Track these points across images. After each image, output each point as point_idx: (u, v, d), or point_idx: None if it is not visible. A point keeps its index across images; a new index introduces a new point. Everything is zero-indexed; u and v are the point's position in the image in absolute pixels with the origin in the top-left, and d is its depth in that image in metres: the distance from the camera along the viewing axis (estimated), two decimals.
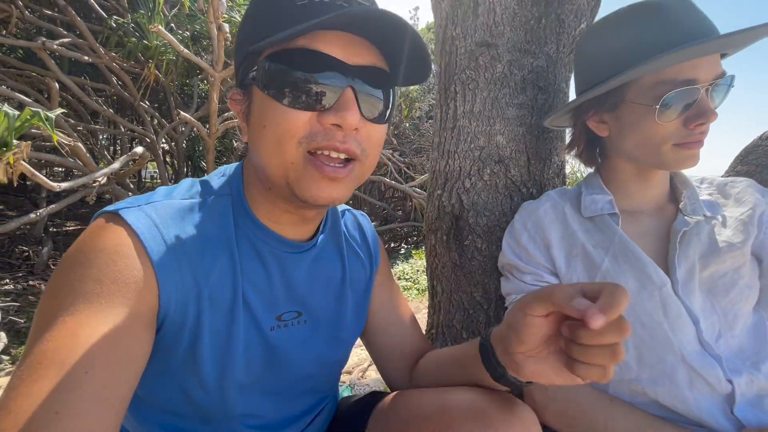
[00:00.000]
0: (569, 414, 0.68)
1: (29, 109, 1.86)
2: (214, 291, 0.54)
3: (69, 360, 0.39)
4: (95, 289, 0.43)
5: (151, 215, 0.50)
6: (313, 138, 0.49)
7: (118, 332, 0.43)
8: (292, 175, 0.51)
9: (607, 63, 0.71)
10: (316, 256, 0.65)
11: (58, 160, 2.80)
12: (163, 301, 0.49)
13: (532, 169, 1.01)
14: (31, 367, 0.39)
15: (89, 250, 0.46)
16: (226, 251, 0.55)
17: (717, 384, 0.64)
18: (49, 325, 0.41)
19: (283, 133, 0.49)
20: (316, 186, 0.51)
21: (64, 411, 0.37)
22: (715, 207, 0.75)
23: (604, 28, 0.74)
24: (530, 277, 0.78)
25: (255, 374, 0.59)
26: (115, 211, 0.50)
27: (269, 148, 0.51)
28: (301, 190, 0.51)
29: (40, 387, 0.38)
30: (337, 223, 0.72)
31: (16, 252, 3.58)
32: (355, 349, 2.33)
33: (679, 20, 0.66)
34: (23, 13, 3.18)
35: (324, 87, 0.49)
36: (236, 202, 0.58)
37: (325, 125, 0.49)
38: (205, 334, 0.53)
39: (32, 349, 0.40)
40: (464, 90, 1.01)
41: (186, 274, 0.51)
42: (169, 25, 3.45)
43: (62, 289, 0.44)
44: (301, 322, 0.63)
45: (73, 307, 0.42)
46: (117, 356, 0.42)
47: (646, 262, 0.71)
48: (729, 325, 0.68)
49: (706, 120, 0.66)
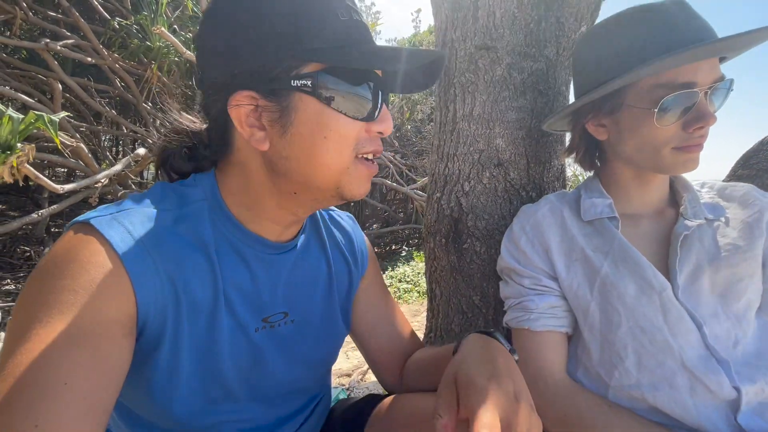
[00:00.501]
0: (568, 420, 0.68)
1: (33, 112, 1.88)
2: (194, 295, 0.53)
3: (46, 371, 0.39)
4: (69, 299, 0.43)
5: (124, 223, 0.50)
6: (363, 144, 0.55)
7: (95, 341, 0.42)
8: (345, 179, 0.55)
9: (606, 66, 0.71)
10: (299, 256, 0.66)
11: (60, 161, 2.81)
12: (141, 308, 0.48)
13: (532, 173, 1.01)
14: (6, 380, 0.38)
15: (61, 261, 0.45)
16: (203, 255, 0.55)
17: (719, 390, 0.64)
18: (23, 337, 0.40)
19: (345, 142, 0.54)
20: (364, 183, 0.57)
21: (45, 424, 0.37)
22: (717, 209, 0.74)
23: (603, 31, 0.74)
24: (529, 280, 0.78)
25: (243, 377, 0.59)
26: (86, 220, 0.49)
27: (328, 156, 0.53)
28: (351, 189, 0.56)
29: (18, 400, 0.37)
30: (317, 223, 0.72)
31: (17, 252, 3.59)
32: (355, 352, 2.32)
33: (679, 24, 0.66)
34: (27, 14, 3.21)
35: (374, 100, 0.54)
36: (213, 206, 0.58)
37: (372, 133, 0.56)
38: (185, 338, 0.53)
39: (6, 363, 0.39)
40: (464, 93, 1.01)
41: (163, 279, 0.50)
42: (172, 26, 3.47)
43: (35, 300, 0.43)
44: (288, 322, 0.64)
45: (47, 318, 0.41)
46: (96, 365, 0.42)
47: (645, 266, 0.70)
48: (744, 332, 0.67)
49: (705, 123, 0.65)
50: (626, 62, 0.67)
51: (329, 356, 0.72)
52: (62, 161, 2.81)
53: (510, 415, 0.41)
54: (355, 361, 2.21)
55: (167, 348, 0.52)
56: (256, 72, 0.51)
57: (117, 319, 0.45)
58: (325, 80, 0.51)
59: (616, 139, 0.75)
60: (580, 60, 0.79)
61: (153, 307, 0.50)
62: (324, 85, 0.51)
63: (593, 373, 0.73)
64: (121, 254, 0.47)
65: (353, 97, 0.53)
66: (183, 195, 0.57)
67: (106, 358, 0.43)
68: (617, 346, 0.70)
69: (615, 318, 0.70)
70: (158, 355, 0.52)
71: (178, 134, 0.64)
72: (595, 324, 0.73)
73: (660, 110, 0.66)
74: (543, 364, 0.73)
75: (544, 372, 0.72)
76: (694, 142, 0.67)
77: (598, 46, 0.74)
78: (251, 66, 0.51)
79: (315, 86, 0.51)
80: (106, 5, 3.56)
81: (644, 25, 0.68)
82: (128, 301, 0.47)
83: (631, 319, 0.69)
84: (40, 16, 3.52)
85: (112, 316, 0.45)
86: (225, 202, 0.58)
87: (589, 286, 0.73)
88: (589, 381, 0.74)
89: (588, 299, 0.73)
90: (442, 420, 0.43)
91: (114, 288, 0.46)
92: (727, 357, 0.65)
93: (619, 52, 0.69)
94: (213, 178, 0.59)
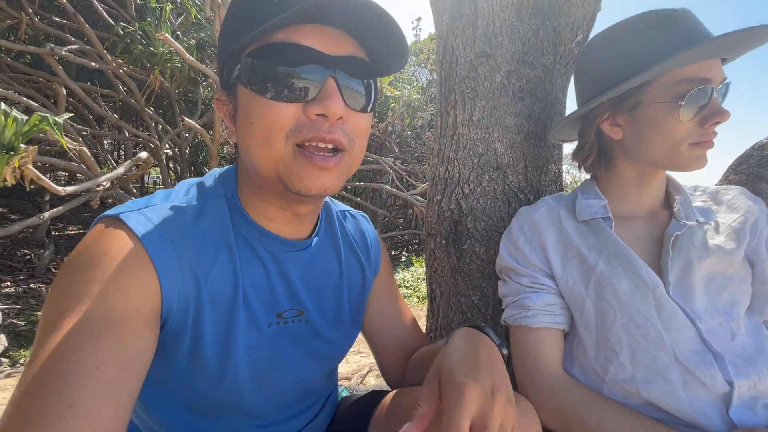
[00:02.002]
0: (563, 414, 0.69)
1: (38, 114, 1.90)
2: (215, 290, 0.55)
3: (78, 357, 0.40)
4: (98, 289, 0.45)
5: (151, 218, 0.52)
6: (299, 130, 0.50)
7: (123, 331, 0.44)
8: (282, 169, 0.52)
9: (623, 64, 0.72)
10: (313, 254, 0.67)
11: (62, 164, 2.83)
12: (165, 301, 0.50)
13: (530, 176, 1.04)
14: (40, 365, 0.40)
15: (92, 254, 0.47)
16: (226, 250, 0.56)
17: (712, 384, 0.65)
18: (56, 326, 0.42)
19: (270, 127, 0.50)
20: (307, 176, 0.52)
21: (78, 405, 0.38)
22: (707, 213, 0.77)
23: (617, 32, 0.75)
24: (527, 279, 0.80)
25: (255, 372, 0.60)
26: (115, 215, 0.51)
27: (258, 144, 0.52)
28: (292, 182, 0.52)
29: (52, 383, 0.39)
30: (333, 223, 0.73)
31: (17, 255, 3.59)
32: (354, 356, 2.33)
33: (691, 26, 0.69)
34: (32, 19, 3.25)
35: (306, 79, 0.50)
36: (231, 202, 0.60)
37: (311, 116, 0.50)
38: (206, 332, 0.54)
39: (40, 350, 0.41)
40: (464, 99, 1.04)
41: (186, 273, 0.52)
42: (176, 33, 3.51)
43: (66, 291, 0.45)
44: (302, 320, 0.65)
45: (78, 308, 0.43)
46: (123, 354, 0.43)
47: (638, 263, 0.72)
48: (737, 325, 0.70)
49: (721, 119, 0.68)
50: (646, 59, 0.68)
51: (339, 354, 0.73)
52: (64, 164, 2.82)
53: (485, 410, 0.44)
54: (354, 365, 2.22)
55: (189, 339, 0.54)
56: (222, 70, 0.57)
57: (143, 309, 0.47)
58: (252, 65, 0.51)
59: (632, 138, 0.76)
60: (592, 62, 0.80)
61: (176, 298, 0.51)
62: (250, 70, 0.51)
63: (589, 369, 0.75)
64: (148, 248, 0.49)
65: (284, 78, 0.50)
66: (205, 191, 0.60)
67: (133, 346, 0.45)
68: (612, 341, 0.72)
69: (609, 314, 0.73)
70: (180, 345, 0.53)
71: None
72: (590, 320, 0.75)
73: (686, 104, 0.68)
74: (540, 360, 0.75)
75: (541, 368, 0.74)
76: (709, 137, 0.70)
77: (612, 46, 0.75)
78: (220, 65, 0.57)
79: (242, 73, 0.52)
80: (110, 11, 3.61)
81: (661, 26, 0.70)
82: (154, 292, 0.49)
83: (626, 315, 0.71)
84: (45, 21, 3.56)
85: (139, 306, 0.47)
86: (239, 198, 0.60)
87: (584, 283, 0.76)
88: (584, 376, 0.75)
89: (583, 296, 0.75)
90: (422, 409, 0.46)
91: (141, 280, 0.48)
92: (723, 351, 0.67)
93: (637, 50, 0.71)
94: (233, 172, 0.62)
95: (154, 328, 0.48)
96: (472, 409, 0.43)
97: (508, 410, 0.45)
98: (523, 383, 0.76)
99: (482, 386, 0.45)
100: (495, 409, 0.44)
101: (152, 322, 0.48)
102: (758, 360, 0.68)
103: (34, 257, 3.56)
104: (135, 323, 0.46)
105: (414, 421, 0.45)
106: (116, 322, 0.44)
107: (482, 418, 0.43)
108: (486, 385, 0.46)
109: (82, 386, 0.39)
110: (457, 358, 0.50)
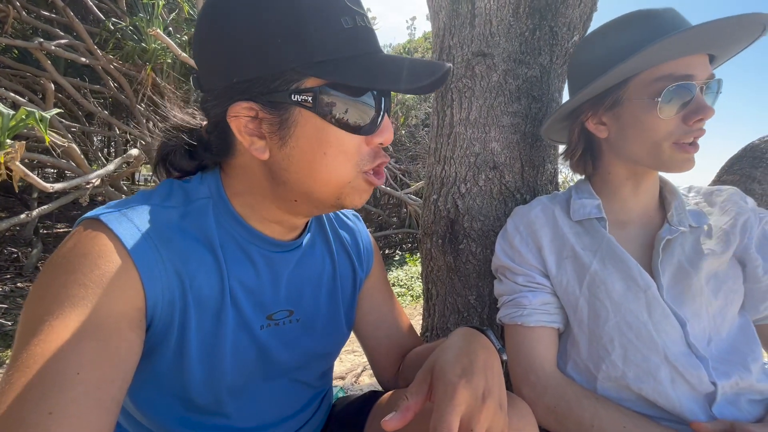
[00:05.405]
0: (558, 411, 0.70)
1: (24, 108, 1.85)
2: (200, 291, 0.54)
3: (59, 362, 0.40)
4: (80, 293, 0.44)
5: (132, 219, 0.51)
6: (365, 160, 0.54)
7: (105, 334, 0.43)
8: (346, 191, 0.55)
9: (605, 62, 0.72)
10: (304, 254, 0.66)
11: (50, 161, 2.78)
12: (149, 302, 0.49)
13: (526, 176, 1.04)
14: (20, 371, 0.39)
15: (72, 256, 0.46)
16: (209, 251, 0.55)
17: (698, 384, 0.67)
18: (37, 329, 0.41)
19: (345, 158, 0.53)
20: (365, 194, 0.57)
21: (58, 411, 0.37)
22: (700, 217, 0.77)
23: (600, 33, 0.76)
24: (522, 278, 0.80)
25: (246, 374, 0.60)
26: (95, 216, 0.50)
27: (327, 172, 0.52)
28: (351, 201, 0.56)
29: (32, 389, 0.38)
30: (323, 222, 0.73)
31: (4, 253, 3.53)
32: (348, 355, 2.32)
33: (676, 23, 0.69)
34: (20, 13, 3.18)
35: (376, 109, 0.53)
36: (218, 204, 0.58)
37: (373, 144, 0.54)
38: (192, 334, 0.54)
39: (20, 355, 0.40)
40: (461, 98, 1.04)
41: (170, 274, 0.51)
42: (168, 29, 3.47)
43: (47, 294, 0.44)
44: (293, 321, 0.64)
45: (59, 311, 0.42)
46: (107, 357, 0.42)
47: (631, 264, 0.73)
48: (717, 329, 0.71)
49: (705, 115, 0.67)
50: (624, 56, 0.68)
51: (332, 353, 0.73)
52: (53, 161, 2.77)
53: (473, 413, 0.43)
54: (348, 364, 2.21)
55: (174, 341, 0.53)
56: (256, 82, 0.49)
57: (126, 312, 0.46)
58: (326, 95, 0.49)
59: (616, 136, 0.76)
60: (578, 64, 0.81)
61: (161, 300, 0.51)
62: (325, 101, 0.49)
63: (582, 367, 0.76)
64: (129, 249, 0.48)
65: (354, 109, 0.51)
66: (189, 192, 0.58)
67: (117, 350, 0.44)
68: (604, 339, 0.72)
69: (602, 313, 0.73)
70: (165, 347, 0.53)
71: (177, 130, 0.62)
72: (583, 319, 0.75)
73: (663, 100, 0.67)
74: (534, 358, 0.75)
75: (536, 366, 0.75)
76: (694, 135, 0.69)
77: (596, 46, 0.76)
78: (250, 75, 0.49)
79: (315, 102, 0.49)
80: (101, 6, 3.55)
81: (642, 24, 0.71)
82: (137, 294, 0.48)
83: (618, 315, 0.72)
84: (33, 15, 3.49)
85: (122, 309, 0.46)
86: (230, 201, 0.59)
87: (578, 282, 0.76)
88: (578, 374, 0.76)
89: (577, 295, 0.76)
90: (408, 402, 0.46)
91: (123, 282, 0.47)
92: (706, 354, 0.69)
93: (619, 48, 0.71)
94: (218, 177, 0.60)
95: (138, 331, 0.48)
96: (461, 409, 0.43)
97: (497, 416, 0.45)
98: (517, 381, 0.76)
99: (474, 388, 0.45)
100: (483, 412, 0.44)
101: (136, 324, 0.47)
102: (731, 359, 0.69)
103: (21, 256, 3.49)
104: (118, 326, 0.45)
105: (398, 412, 0.45)
106: (98, 326, 0.43)
107: (469, 420, 0.43)
108: (478, 388, 0.46)
109: (62, 392, 0.38)
110: (453, 357, 0.50)
